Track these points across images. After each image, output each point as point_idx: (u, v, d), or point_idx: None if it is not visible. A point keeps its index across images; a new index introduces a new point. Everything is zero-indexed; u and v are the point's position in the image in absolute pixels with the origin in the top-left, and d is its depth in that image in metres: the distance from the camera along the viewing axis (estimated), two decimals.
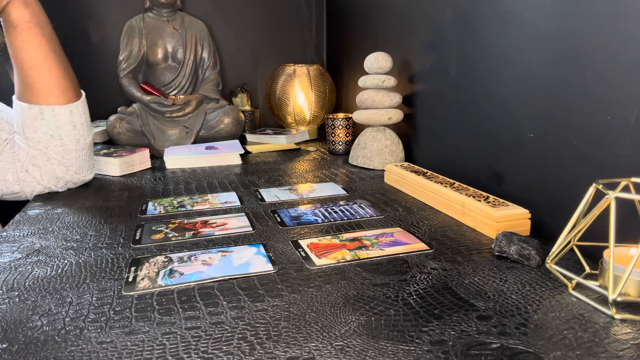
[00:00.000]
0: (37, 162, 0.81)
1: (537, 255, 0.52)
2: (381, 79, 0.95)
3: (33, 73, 0.80)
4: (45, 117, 0.80)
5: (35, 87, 0.80)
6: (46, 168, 0.82)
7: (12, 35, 0.79)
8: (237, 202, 0.78)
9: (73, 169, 0.84)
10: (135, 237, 0.62)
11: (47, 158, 0.82)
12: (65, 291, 0.48)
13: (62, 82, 0.82)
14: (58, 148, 0.82)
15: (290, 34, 1.49)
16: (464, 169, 0.81)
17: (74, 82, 0.85)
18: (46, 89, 0.80)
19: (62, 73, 0.82)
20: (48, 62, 0.81)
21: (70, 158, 0.83)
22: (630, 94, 0.50)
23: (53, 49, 0.81)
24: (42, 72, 0.80)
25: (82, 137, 0.84)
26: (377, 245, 0.59)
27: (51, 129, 0.81)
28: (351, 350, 0.38)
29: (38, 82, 0.80)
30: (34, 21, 0.79)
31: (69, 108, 0.82)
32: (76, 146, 0.84)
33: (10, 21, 0.78)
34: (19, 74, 0.81)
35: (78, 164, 0.85)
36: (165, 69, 1.25)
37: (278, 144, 1.25)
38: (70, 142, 0.83)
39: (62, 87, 0.82)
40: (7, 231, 0.65)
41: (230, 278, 0.50)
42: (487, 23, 0.73)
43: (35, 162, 0.81)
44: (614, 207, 0.43)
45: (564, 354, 0.37)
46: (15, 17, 0.77)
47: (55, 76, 0.81)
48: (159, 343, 0.39)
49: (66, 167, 0.83)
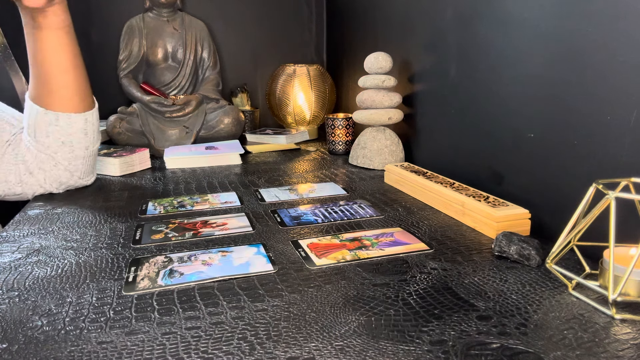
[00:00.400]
0: (44, 166, 0.81)
1: (537, 255, 0.52)
2: (381, 79, 0.95)
3: (59, 79, 0.78)
4: (60, 124, 0.80)
5: (58, 93, 0.79)
6: (52, 172, 0.82)
7: (44, 37, 0.75)
8: (237, 202, 0.78)
9: (77, 174, 0.84)
10: (135, 237, 0.62)
11: (54, 163, 0.81)
12: (65, 291, 0.48)
13: (83, 89, 0.82)
14: (67, 154, 0.81)
15: (290, 34, 1.49)
16: (464, 169, 0.81)
17: (90, 89, 0.84)
18: (67, 96, 0.80)
19: (84, 81, 0.82)
20: (76, 69, 0.80)
21: (77, 164, 0.83)
22: (630, 94, 0.50)
23: (79, 55, 0.81)
24: (68, 78, 0.79)
25: (91, 145, 0.84)
26: (377, 245, 0.59)
27: (63, 136, 0.80)
28: (351, 350, 0.38)
29: (62, 89, 0.79)
30: (71, 26, 0.78)
31: (84, 116, 0.82)
32: (85, 153, 0.83)
33: (45, 23, 0.74)
34: (39, 77, 0.78)
35: (83, 169, 0.85)
36: (165, 69, 1.25)
37: (278, 144, 1.25)
38: (80, 149, 0.83)
39: (82, 95, 0.81)
40: (7, 231, 0.65)
41: (230, 278, 0.50)
42: (487, 23, 0.73)
43: (42, 165, 0.81)
44: (614, 207, 0.43)
45: (564, 354, 0.37)
46: (55, 20, 0.75)
47: (78, 84, 0.81)
48: (159, 343, 0.39)
49: (71, 172, 0.83)
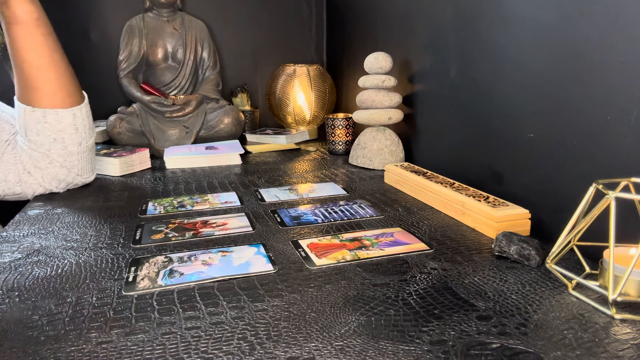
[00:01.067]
0: (40, 164, 0.81)
1: (537, 255, 0.52)
2: (381, 79, 0.95)
3: (38, 75, 0.77)
4: (48, 121, 0.79)
5: (40, 90, 0.78)
6: (48, 170, 0.81)
7: (15, 33, 0.74)
8: (237, 202, 0.77)
9: (75, 170, 0.84)
10: (135, 237, 0.62)
11: (49, 160, 0.81)
12: (65, 291, 0.48)
13: (67, 84, 0.80)
14: (60, 151, 0.81)
15: (290, 34, 1.49)
16: (464, 169, 0.81)
17: (77, 84, 0.83)
18: (51, 92, 0.78)
19: (67, 75, 0.80)
20: (54, 63, 0.78)
21: (72, 160, 0.82)
22: (630, 94, 0.50)
23: (58, 50, 0.79)
24: (48, 74, 0.78)
25: (84, 140, 0.83)
26: (377, 245, 0.59)
27: (54, 132, 0.79)
28: (351, 350, 0.38)
29: (44, 85, 0.78)
30: (42, 19, 0.76)
31: (72, 111, 0.81)
32: (78, 149, 0.83)
33: (14, 17, 0.73)
34: (21, 75, 0.78)
35: (80, 165, 0.84)
36: (165, 69, 1.25)
37: (278, 144, 1.25)
38: (73, 145, 0.82)
39: (66, 90, 0.80)
40: (7, 231, 0.65)
41: (230, 278, 0.50)
42: (487, 23, 0.73)
43: (37, 164, 0.81)
44: (614, 207, 0.43)
45: (564, 354, 0.37)
46: (21, 12, 0.73)
47: (60, 79, 0.79)
48: (159, 343, 0.39)
49: (68, 169, 0.83)
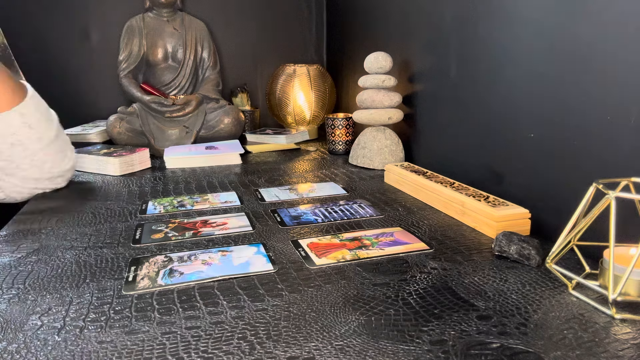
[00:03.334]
0: (8, 171, 0.77)
1: (537, 255, 0.52)
2: (381, 79, 0.95)
3: None
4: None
5: None
6: (20, 174, 0.77)
7: None
8: (237, 201, 0.77)
9: (47, 165, 0.79)
10: (135, 237, 0.62)
11: (15, 165, 0.76)
12: (65, 291, 0.48)
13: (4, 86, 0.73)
14: (22, 153, 0.75)
15: (290, 34, 1.49)
16: (464, 169, 0.81)
17: (14, 82, 0.75)
18: None
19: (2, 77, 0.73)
20: None
21: (39, 157, 0.77)
22: (630, 94, 0.50)
23: None
24: None
25: (44, 134, 0.77)
26: (377, 245, 0.59)
27: (8, 137, 0.74)
28: (351, 350, 0.38)
29: None
30: None
31: (18, 111, 0.74)
32: (40, 144, 0.77)
33: None
34: None
35: (50, 158, 0.79)
36: (165, 69, 1.25)
37: (278, 143, 1.25)
38: (32, 143, 0.76)
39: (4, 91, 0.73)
40: (7, 231, 0.65)
41: (230, 278, 0.50)
42: (487, 23, 0.73)
43: (6, 171, 0.77)
44: (614, 207, 0.43)
45: (564, 353, 0.37)
46: None
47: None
48: (159, 343, 0.39)
49: (39, 167, 0.78)
